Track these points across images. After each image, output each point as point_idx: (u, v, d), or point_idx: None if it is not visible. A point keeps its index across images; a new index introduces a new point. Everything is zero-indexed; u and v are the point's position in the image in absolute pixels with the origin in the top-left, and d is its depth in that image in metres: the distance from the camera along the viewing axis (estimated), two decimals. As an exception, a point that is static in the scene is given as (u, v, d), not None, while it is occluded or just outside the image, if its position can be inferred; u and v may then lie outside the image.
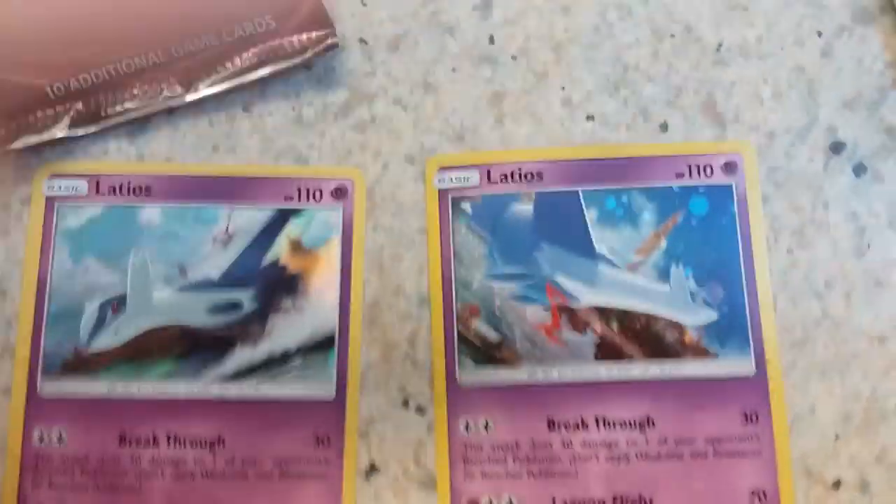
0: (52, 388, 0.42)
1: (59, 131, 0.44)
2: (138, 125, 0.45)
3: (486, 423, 0.42)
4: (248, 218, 0.44)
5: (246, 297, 0.43)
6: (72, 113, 0.44)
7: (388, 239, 0.44)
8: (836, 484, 0.42)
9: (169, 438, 0.41)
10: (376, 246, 0.44)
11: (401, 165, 0.45)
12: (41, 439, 0.41)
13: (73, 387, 0.42)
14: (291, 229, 0.44)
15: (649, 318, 0.43)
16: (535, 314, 0.43)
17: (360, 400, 0.42)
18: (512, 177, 0.44)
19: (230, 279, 0.43)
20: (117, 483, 0.41)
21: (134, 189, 0.44)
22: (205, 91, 0.44)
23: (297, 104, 0.46)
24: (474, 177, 0.44)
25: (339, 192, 0.44)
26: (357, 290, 0.43)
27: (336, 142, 0.45)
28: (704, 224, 0.44)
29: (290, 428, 0.42)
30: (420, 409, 0.43)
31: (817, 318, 0.43)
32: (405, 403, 0.43)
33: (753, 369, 0.42)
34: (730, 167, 0.44)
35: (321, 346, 0.43)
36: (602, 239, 0.43)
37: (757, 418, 0.42)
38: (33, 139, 0.43)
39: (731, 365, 0.42)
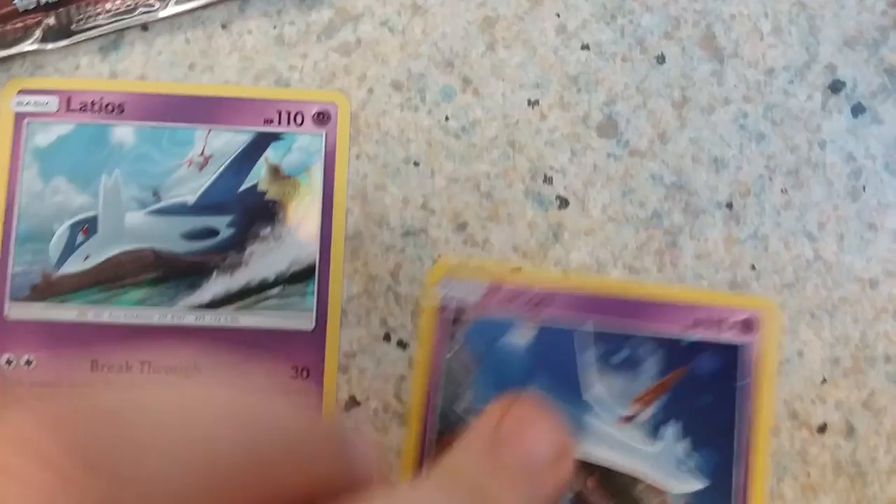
0: (20, 312, 0.38)
1: (29, 45, 0.39)
2: (111, 41, 0.41)
3: None
4: (226, 141, 0.39)
5: (222, 224, 0.39)
6: (42, 27, 0.39)
7: (373, 168, 0.40)
8: (822, 428, 0.39)
9: (143, 365, 0.38)
10: (360, 175, 0.40)
11: (387, 91, 0.41)
12: (9, 364, 0.37)
13: (42, 312, 0.38)
14: (271, 154, 0.40)
15: (630, 479, 0.38)
16: None
17: (340, 332, 0.39)
18: (517, 299, 0.39)
19: (206, 204, 0.39)
20: None
21: (106, 107, 0.39)
22: (181, 6, 0.40)
23: (279, 23, 0.41)
24: (476, 293, 0.39)
25: (322, 117, 0.40)
26: (339, 220, 0.39)
27: (319, 64, 0.41)
28: (708, 386, 0.39)
29: (269, 359, 0.38)
30: (402, 344, 0.39)
31: (809, 259, 0.40)
32: (387, 337, 0.39)
33: None
34: (747, 325, 0.39)
35: (301, 276, 0.39)
36: (597, 384, 0.38)
37: None
38: (1, 53, 0.39)
39: None
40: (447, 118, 0.41)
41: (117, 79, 0.40)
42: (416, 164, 0.40)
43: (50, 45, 0.40)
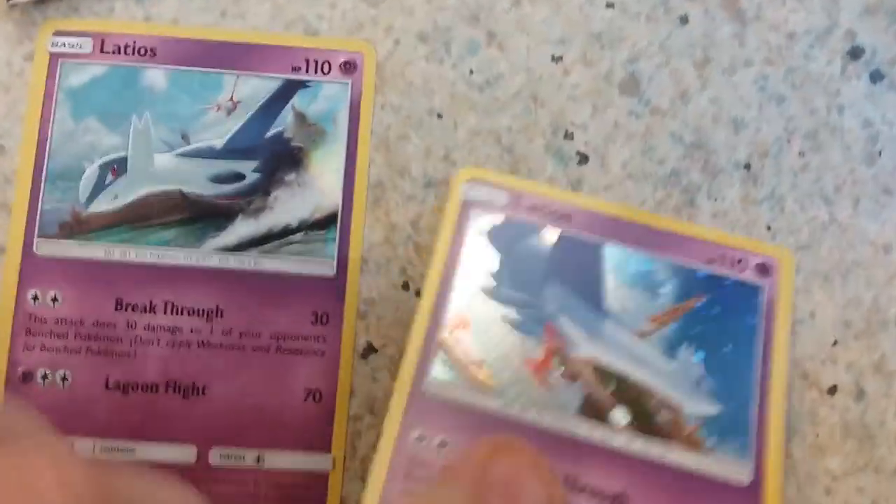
0: (48, 248, 0.38)
1: (64, -12, 0.40)
2: (145, -14, 0.41)
3: (442, 441, 0.36)
4: (254, 87, 0.40)
5: (248, 168, 0.39)
6: (77, -30, 0.40)
7: (396, 118, 0.40)
8: (832, 389, 0.39)
9: (166, 306, 0.38)
10: (384, 125, 0.40)
11: (413, 43, 0.41)
12: (35, 299, 0.38)
13: (70, 249, 0.38)
14: (297, 101, 0.40)
15: (645, 391, 0.37)
16: (528, 348, 0.37)
17: (360, 280, 0.39)
18: (540, 210, 0.39)
19: (233, 148, 0.39)
20: (112, 348, 0.38)
21: (139, 50, 0.40)
22: (215, -47, 0.40)
23: (310, -28, 0.41)
24: (502, 199, 0.39)
25: (349, 67, 0.40)
26: (362, 169, 0.40)
27: (347, 14, 0.41)
28: (726, 316, 0.38)
29: (289, 303, 0.38)
30: (420, 293, 0.39)
31: (824, 222, 0.40)
32: (405, 286, 0.39)
33: (750, 477, 0.37)
34: (763, 269, 0.39)
35: (323, 223, 0.39)
36: (616, 297, 0.38)
37: None
38: (37, -6, 0.40)
39: (726, 466, 0.37)
40: (471, 71, 0.41)
41: (151, 22, 0.41)
42: (439, 115, 0.41)
43: (85, -11, 0.40)
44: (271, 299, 0.38)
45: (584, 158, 0.40)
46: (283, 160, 0.39)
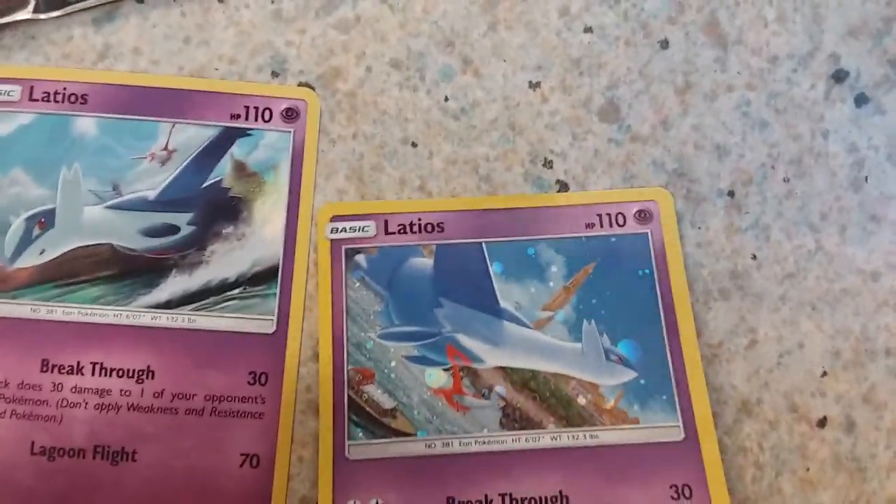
0: (-31, 308, 0.35)
1: (22, 14, 0.37)
2: (106, 12, 0.38)
3: (376, 503, 0.35)
4: (191, 135, 0.37)
5: (183, 221, 0.36)
6: (35, -4, 0.37)
7: (369, 147, 0.38)
8: (822, 422, 0.36)
9: (94, 367, 0.35)
10: (356, 155, 0.38)
11: (385, 70, 0.38)
12: (-45, 362, 0.35)
13: (-6, 308, 0.35)
14: (237, 150, 0.37)
15: (559, 380, 0.36)
16: (435, 378, 0.36)
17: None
18: (411, 228, 0.37)
19: (167, 199, 0.37)
20: (37, 411, 0.34)
21: (69, 97, 0.37)
22: (177, -23, 0.38)
23: (277, -3, 0.39)
24: (371, 227, 0.37)
25: (291, 114, 0.38)
26: (304, 221, 0.37)
27: (317, 40, 0.38)
28: (618, 274, 0.37)
29: (225, 363, 0.35)
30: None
31: (811, 250, 0.38)
32: (379, 321, 0.37)
33: (682, 434, 0.35)
34: (644, 215, 0.37)
35: (263, 277, 0.36)
36: (507, 294, 0.36)
37: (690, 493, 0.35)
38: (-7, 22, 0.37)
39: (656, 430, 0.35)
40: (446, 98, 0.38)
41: (108, 52, 0.38)
42: (413, 144, 0.38)
43: (43, 15, 0.37)
44: (206, 359, 0.35)
45: (563, 187, 0.38)
46: (220, 212, 0.37)
